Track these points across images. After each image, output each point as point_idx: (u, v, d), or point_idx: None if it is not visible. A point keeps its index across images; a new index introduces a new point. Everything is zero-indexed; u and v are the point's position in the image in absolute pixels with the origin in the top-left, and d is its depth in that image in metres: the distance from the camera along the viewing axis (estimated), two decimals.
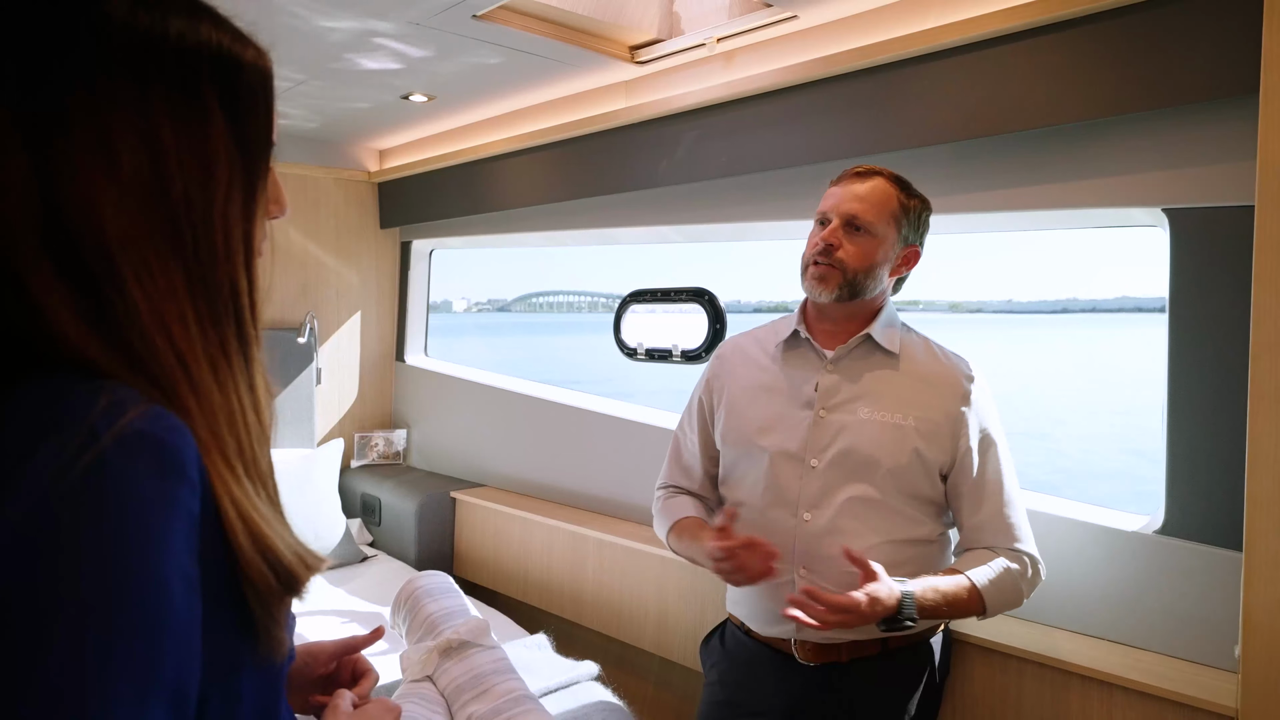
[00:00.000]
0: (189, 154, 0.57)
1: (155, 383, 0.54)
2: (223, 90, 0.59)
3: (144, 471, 0.49)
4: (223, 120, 0.59)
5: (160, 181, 0.56)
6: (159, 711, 0.48)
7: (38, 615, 0.45)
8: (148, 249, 0.55)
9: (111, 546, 0.47)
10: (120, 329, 0.54)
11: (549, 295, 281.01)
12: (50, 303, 0.53)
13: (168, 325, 0.55)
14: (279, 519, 0.60)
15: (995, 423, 1.65)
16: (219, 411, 0.57)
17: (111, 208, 0.54)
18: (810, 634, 1.60)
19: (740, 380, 1.75)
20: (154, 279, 0.55)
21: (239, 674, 0.58)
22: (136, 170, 0.55)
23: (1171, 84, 1.58)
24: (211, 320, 0.58)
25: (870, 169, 1.63)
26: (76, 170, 0.53)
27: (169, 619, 0.49)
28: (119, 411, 0.50)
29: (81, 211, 0.53)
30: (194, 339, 0.57)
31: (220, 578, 0.55)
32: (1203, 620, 1.65)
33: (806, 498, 1.61)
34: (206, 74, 0.58)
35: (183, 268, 0.57)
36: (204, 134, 0.58)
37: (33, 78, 0.53)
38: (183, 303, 0.56)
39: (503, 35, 2.22)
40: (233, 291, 0.60)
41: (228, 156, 0.59)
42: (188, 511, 0.51)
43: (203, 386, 0.56)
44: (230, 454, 0.57)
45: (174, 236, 0.56)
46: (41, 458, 0.48)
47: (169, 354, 0.55)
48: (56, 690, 0.44)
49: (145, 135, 0.55)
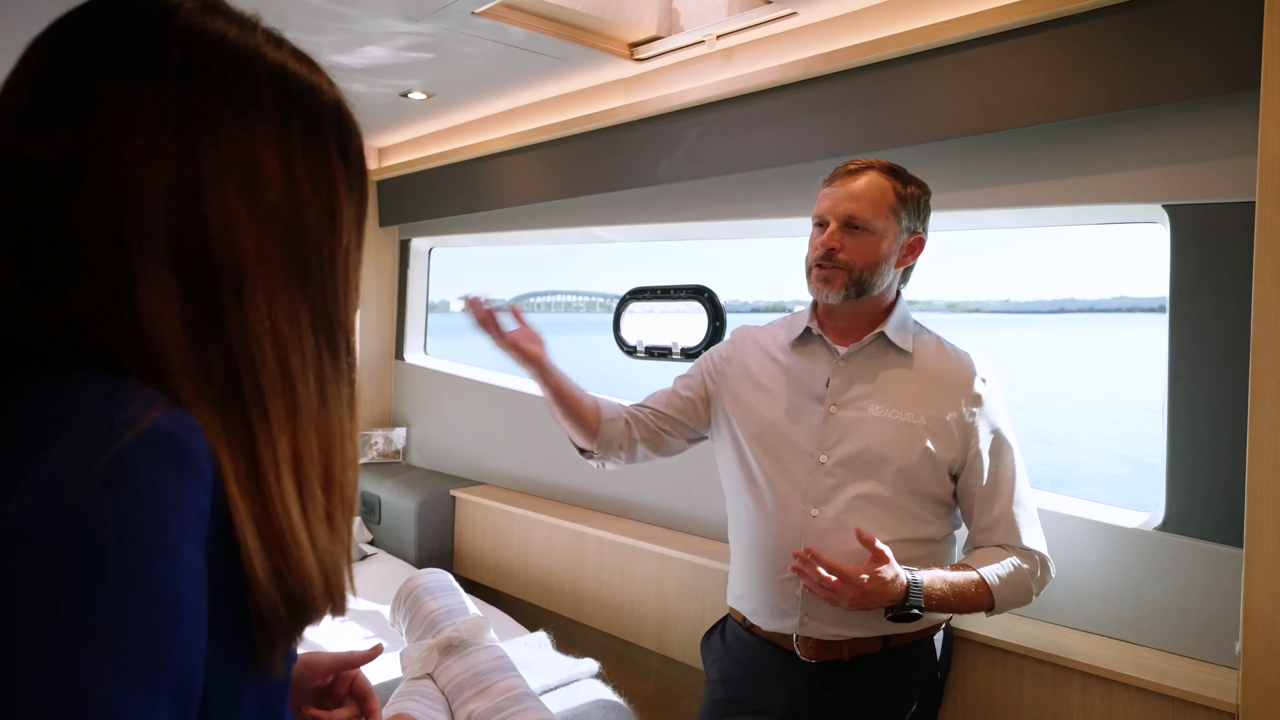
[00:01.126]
0: (320, 193, 0.60)
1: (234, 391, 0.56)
2: (340, 142, 0.62)
3: (159, 467, 0.49)
4: (341, 164, 0.62)
5: (296, 215, 0.59)
6: (163, 708, 0.47)
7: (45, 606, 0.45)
8: (278, 274, 0.58)
9: (123, 540, 0.47)
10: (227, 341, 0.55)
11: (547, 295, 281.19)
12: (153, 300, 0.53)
13: (284, 344, 0.58)
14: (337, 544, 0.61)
15: (1006, 423, 1.66)
16: (315, 431, 0.59)
17: (249, 229, 0.56)
18: (812, 629, 1.60)
19: (752, 371, 1.75)
20: (278, 301, 0.58)
21: (244, 676, 0.57)
22: (276, 199, 0.58)
23: (1172, 80, 1.58)
24: (330, 350, 0.61)
25: (862, 164, 1.62)
26: (223, 186, 0.55)
27: (178, 615, 0.49)
28: (144, 410, 0.50)
29: (220, 224, 0.55)
30: (308, 363, 0.59)
31: (225, 580, 0.54)
32: (1203, 616, 1.65)
33: (815, 493, 1.60)
34: (330, 124, 0.62)
35: (309, 300, 0.60)
36: (329, 176, 0.61)
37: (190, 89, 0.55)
38: (304, 329, 0.59)
39: (502, 32, 2.21)
40: (346, 328, 0.63)
41: (346, 197, 0.63)
42: (200, 509, 0.51)
43: (304, 405, 0.58)
44: (313, 473, 0.58)
45: (303, 269, 0.59)
46: (58, 450, 0.48)
47: (275, 369, 0.57)
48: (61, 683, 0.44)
49: (285, 168, 0.58)
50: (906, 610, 1.47)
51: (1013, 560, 1.58)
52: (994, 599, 1.54)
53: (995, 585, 1.54)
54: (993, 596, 1.54)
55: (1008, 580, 1.55)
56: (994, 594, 1.54)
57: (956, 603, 1.53)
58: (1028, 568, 1.58)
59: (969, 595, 1.53)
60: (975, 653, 1.79)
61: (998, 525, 1.60)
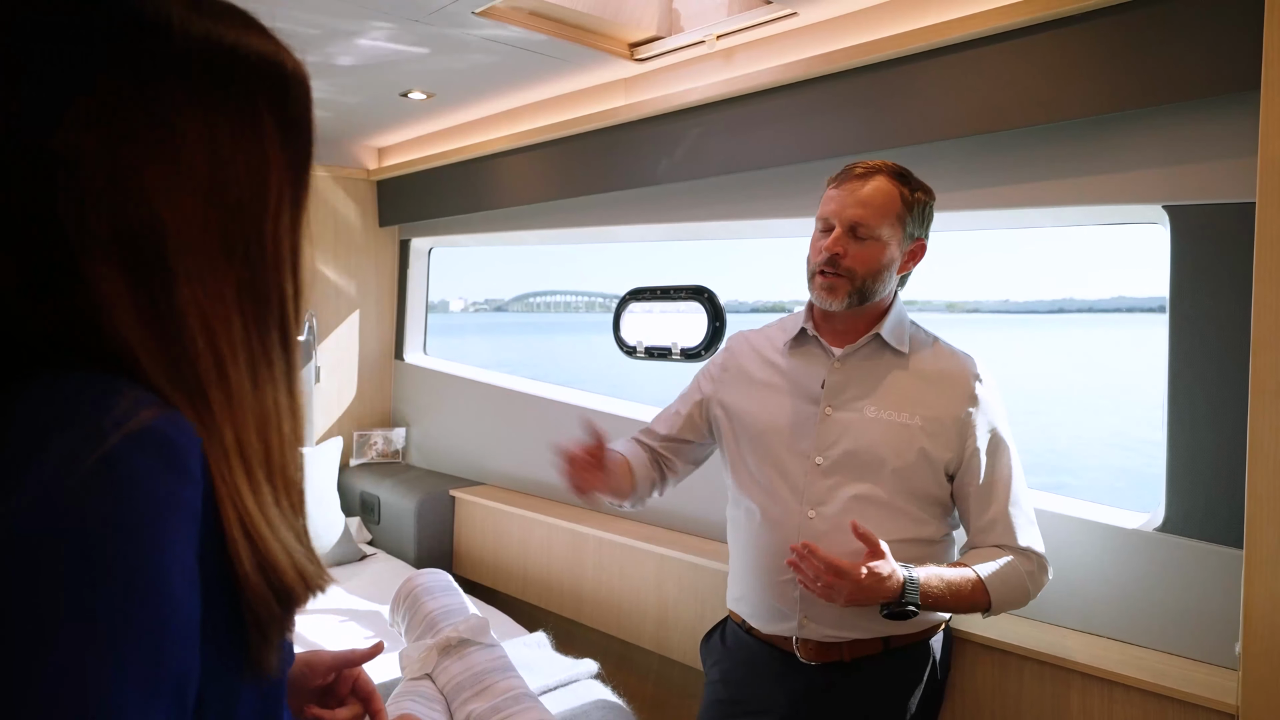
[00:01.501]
0: (245, 161, 0.58)
1: (184, 382, 0.55)
2: (272, 101, 0.60)
3: (151, 467, 0.49)
4: (275, 131, 0.60)
5: (219, 186, 0.57)
6: (161, 707, 0.48)
7: (41, 608, 0.45)
8: (201, 251, 0.56)
9: (118, 539, 0.47)
10: (167, 328, 0.55)
11: (546, 295, 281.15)
12: (109, 295, 0.53)
13: (212, 327, 0.56)
14: (290, 530, 0.60)
15: (1004, 422, 1.65)
16: (251, 416, 0.58)
17: (172, 208, 0.55)
18: (812, 631, 1.60)
19: (747, 375, 1.75)
20: (204, 281, 0.56)
21: (239, 675, 0.57)
22: (197, 173, 0.56)
23: (1172, 80, 1.58)
24: (258, 326, 0.59)
25: (870, 167, 1.60)
26: (143, 167, 0.54)
27: (172, 614, 0.49)
28: (133, 411, 0.50)
29: (145, 208, 0.54)
30: (236, 343, 0.57)
31: (217, 579, 0.54)
32: (1203, 617, 1.65)
33: (812, 495, 1.60)
34: (259, 83, 0.59)
35: (234, 273, 0.58)
36: (258, 142, 0.59)
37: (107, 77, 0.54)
38: (230, 306, 0.57)
39: (502, 32, 2.21)
40: (280, 300, 0.61)
41: (279, 166, 0.61)
42: (191, 508, 0.51)
43: (238, 391, 0.57)
44: (255, 460, 0.57)
45: (227, 241, 0.58)
46: (50, 452, 0.48)
47: (207, 356, 0.56)
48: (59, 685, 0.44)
49: (207, 139, 0.57)
50: (902, 607, 1.47)
51: (1009, 560, 1.57)
52: (990, 599, 1.54)
53: (992, 585, 1.54)
54: (989, 596, 1.54)
55: (1004, 580, 1.55)
56: (990, 594, 1.54)
57: (953, 601, 1.53)
58: (1024, 568, 1.58)
59: (965, 594, 1.53)
60: (975, 654, 1.79)
61: (994, 525, 1.60)
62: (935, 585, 1.50)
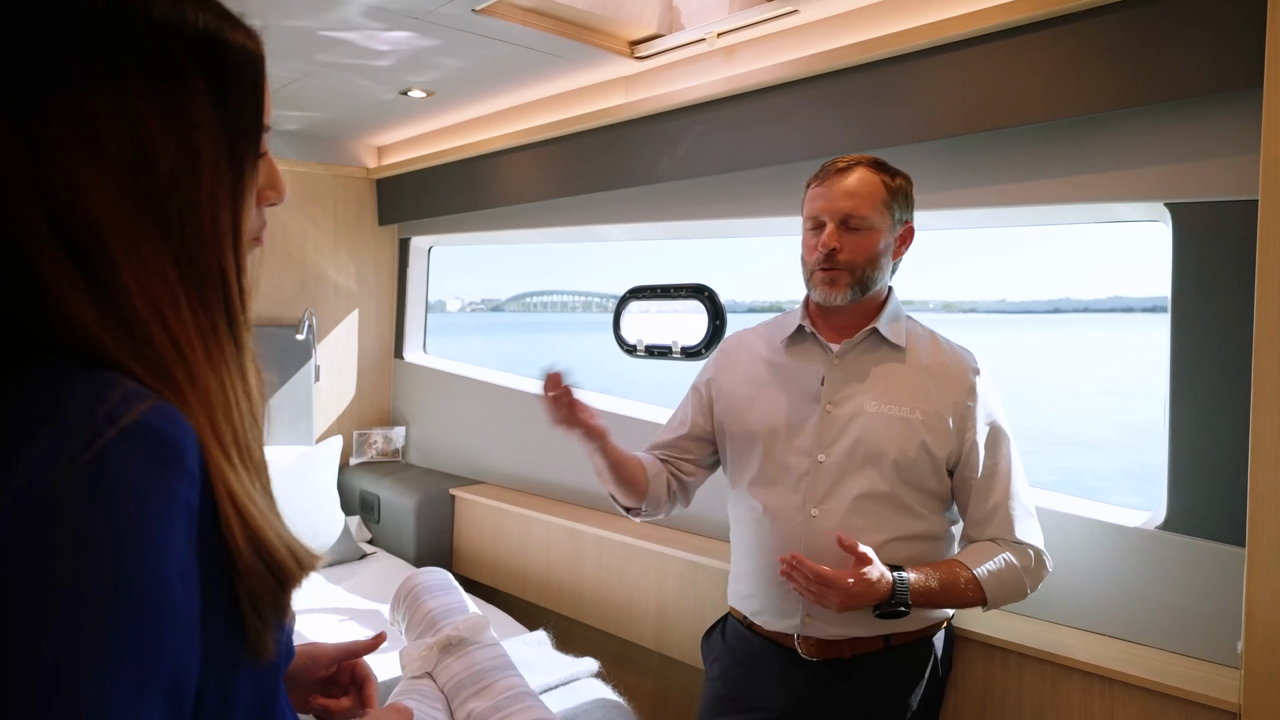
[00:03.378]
0: (173, 133, 0.57)
1: (152, 367, 0.54)
2: (206, 70, 0.59)
3: (144, 463, 0.49)
4: (208, 101, 0.59)
5: (144, 161, 0.56)
6: (155, 703, 0.47)
7: (35, 605, 0.45)
8: (135, 230, 0.55)
9: (111, 537, 0.47)
10: (119, 312, 0.54)
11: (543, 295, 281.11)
12: (58, 286, 0.52)
13: (160, 309, 0.55)
14: (273, 511, 0.60)
15: (1001, 415, 1.65)
16: (214, 397, 0.57)
17: (97, 187, 0.54)
18: (814, 629, 1.60)
19: (745, 375, 1.75)
20: (143, 260, 0.55)
21: (236, 669, 0.57)
22: (119, 150, 0.55)
23: (1174, 78, 1.58)
24: (201, 304, 0.58)
25: (849, 161, 1.62)
26: (61, 151, 0.53)
27: (167, 611, 0.49)
28: (127, 405, 0.50)
29: (70, 193, 0.53)
30: (186, 322, 0.56)
31: (216, 572, 0.54)
32: (1205, 616, 1.65)
33: (815, 493, 1.60)
34: (189, 54, 0.58)
35: (170, 249, 0.56)
36: (188, 114, 0.58)
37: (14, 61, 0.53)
38: (173, 285, 0.56)
39: (502, 30, 2.21)
40: (221, 275, 0.60)
41: (213, 137, 0.59)
42: (187, 504, 0.51)
43: (197, 371, 0.56)
44: (226, 442, 0.56)
45: (160, 217, 0.56)
46: (42, 447, 0.47)
47: (163, 338, 0.55)
48: (53, 681, 0.44)
49: (127, 114, 0.55)
50: (893, 608, 1.49)
51: (1005, 555, 1.58)
52: (985, 594, 1.55)
53: (986, 580, 1.54)
54: (984, 592, 1.54)
55: (999, 575, 1.56)
56: (985, 589, 1.54)
57: (945, 599, 1.54)
58: (1020, 562, 1.58)
59: (958, 591, 1.54)
60: (976, 652, 1.79)
61: (992, 518, 1.61)
62: (925, 584, 1.51)
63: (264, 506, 0.58)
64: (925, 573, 1.53)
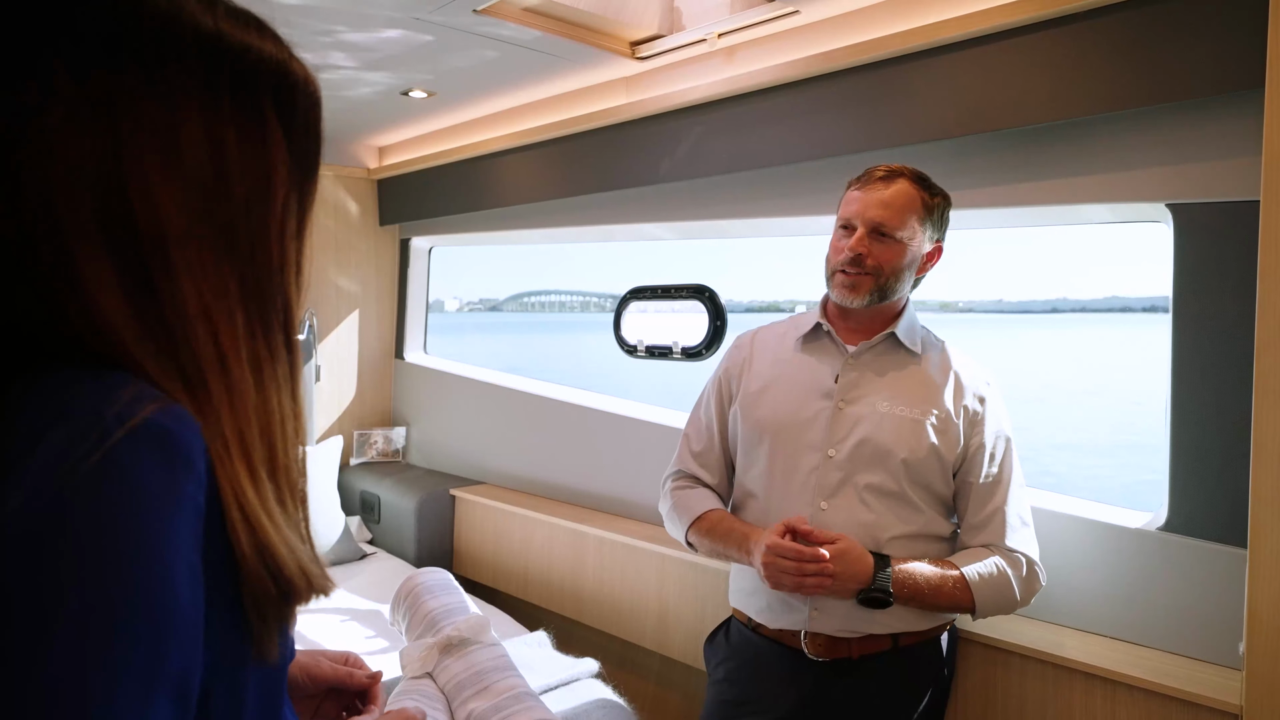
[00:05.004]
0: (251, 161, 0.58)
1: (183, 374, 0.55)
2: (280, 106, 0.60)
3: (151, 463, 0.49)
4: (280, 135, 0.60)
5: (222, 183, 0.57)
6: (162, 704, 0.47)
7: (45, 605, 0.45)
8: (205, 246, 0.56)
9: (119, 537, 0.47)
10: (163, 317, 0.54)
11: (541, 295, 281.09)
12: (94, 280, 0.53)
13: (214, 321, 0.56)
14: (294, 528, 0.60)
15: (1007, 426, 1.67)
16: (254, 413, 0.57)
17: (172, 199, 0.55)
18: (822, 625, 1.60)
19: (760, 370, 1.76)
20: (206, 275, 0.56)
21: (244, 667, 0.58)
22: (200, 168, 0.56)
23: (1176, 79, 1.58)
24: (263, 326, 0.59)
25: (893, 170, 1.63)
26: (142, 156, 0.54)
27: (174, 611, 0.49)
28: (136, 406, 0.50)
29: (142, 197, 0.54)
30: (240, 339, 0.57)
31: (222, 573, 0.54)
32: (1206, 617, 1.65)
33: (824, 487, 1.61)
34: (268, 88, 0.60)
35: (237, 271, 0.58)
36: (264, 145, 0.59)
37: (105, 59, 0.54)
38: (234, 303, 0.58)
39: (503, 30, 2.21)
40: (284, 302, 0.62)
41: (285, 170, 0.61)
42: (194, 504, 0.51)
43: (240, 386, 0.57)
44: (257, 457, 0.57)
45: (231, 239, 0.58)
46: (51, 448, 0.48)
47: (209, 347, 0.56)
48: (60, 681, 0.44)
49: (211, 135, 0.56)
50: (875, 592, 1.50)
51: (996, 560, 1.58)
52: (974, 597, 1.55)
53: (975, 583, 1.55)
54: (972, 595, 1.54)
55: (988, 580, 1.56)
56: (974, 591, 1.54)
57: (931, 596, 1.54)
58: (1011, 571, 1.58)
59: (945, 591, 1.54)
60: (978, 653, 1.79)
61: (987, 524, 1.62)
62: (911, 575, 1.52)
63: (281, 522, 0.58)
64: (913, 565, 1.54)
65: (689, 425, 1.88)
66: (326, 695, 0.93)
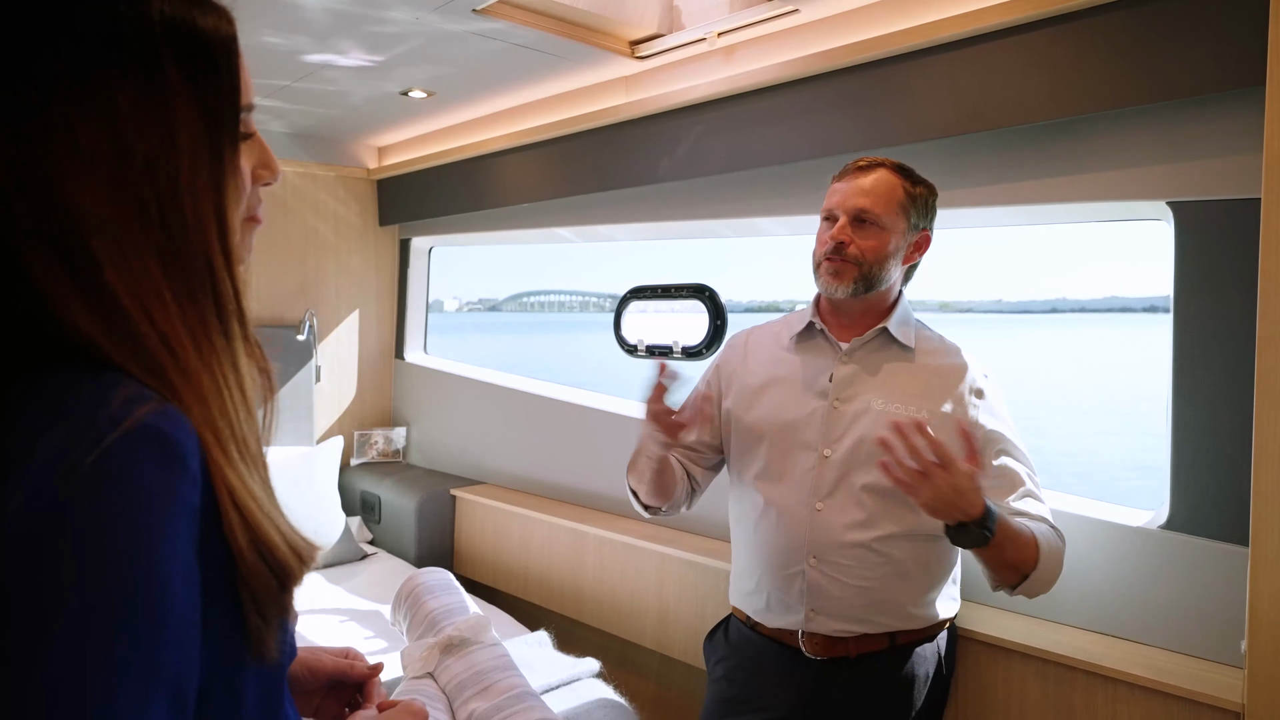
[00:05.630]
0: (148, 123, 0.56)
1: (151, 370, 0.54)
2: (178, 56, 0.58)
3: (147, 465, 0.49)
4: (182, 87, 0.58)
5: (120, 153, 0.55)
6: (159, 705, 0.48)
7: (43, 607, 0.45)
8: (116, 226, 0.54)
9: (116, 540, 0.47)
10: (106, 313, 0.53)
11: (541, 295, 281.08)
12: (52, 290, 0.52)
13: (147, 306, 0.55)
14: (273, 504, 0.60)
15: (1008, 418, 1.65)
16: (207, 392, 0.56)
17: (75, 184, 0.53)
18: (819, 625, 1.60)
19: (753, 370, 1.76)
20: (125, 258, 0.54)
21: (242, 668, 0.58)
22: (95, 144, 0.54)
23: (1176, 76, 1.57)
24: (188, 296, 0.57)
25: (872, 161, 1.64)
26: (40, 147, 0.53)
27: (170, 613, 0.49)
28: (130, 408, 0.50)
29: (50, 191, 0.53)
30: (173, 317, 0.56)
31: (219, 572, 0.54)
32: (1208, 615, 1.65)
33: (820, 487, 1.61)
34: (160, 41, 0.57)
35: (153, 243, 0.56)
36: (162, 102, 0.57)
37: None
38: (157, 280, 0.56)
39: (503, 30, 2.21)
40: (208, 265, 0.59)
41: (190, 123, 0.58)
42: (190, 505, 0.51)
43: (190, 368, 0.55)
44: (224, 437, 0.56)
45: (140, 210, 0.56)
46: (47, 451, 0.48)
47: (152, 335, 0.54)
48: (60, 681, 0.44)
49: (100, 107, 0.55)
50: (980, 529, 1.37)
51: (1055, 534, 1.53)
52: (1039, 557, 1.46)
53: (1042, 545, 1.47)
54: (1038, 555, 1.46)
55: (1051, 545, 1.49)
56: (1040, 551, 1.46)
57: (1011, 550, 1.44)
58: (1061, 546, 1.53)
59: (1022, 544, 1.45)
60: (978, 651, 1.79)
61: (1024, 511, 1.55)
62: (1006, 522, 1.42)
63: (263, 500, 0.58)
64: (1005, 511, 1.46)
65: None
66: (328, 690, 0.93)
